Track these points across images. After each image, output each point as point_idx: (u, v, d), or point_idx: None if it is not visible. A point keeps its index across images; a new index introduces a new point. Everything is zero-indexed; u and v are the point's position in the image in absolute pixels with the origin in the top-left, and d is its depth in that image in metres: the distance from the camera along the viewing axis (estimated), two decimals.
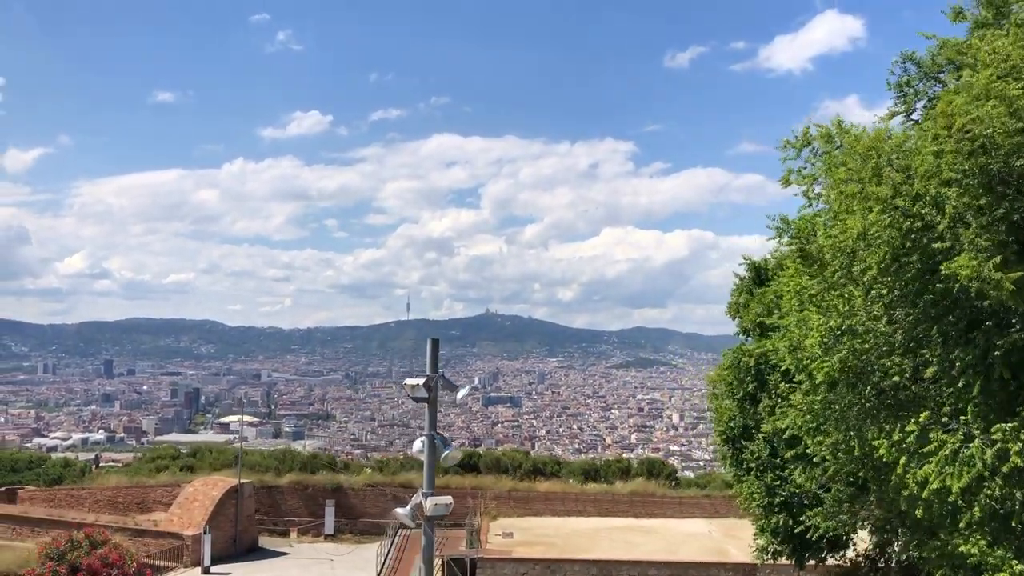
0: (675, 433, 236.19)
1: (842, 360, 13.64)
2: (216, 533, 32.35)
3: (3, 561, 22.55)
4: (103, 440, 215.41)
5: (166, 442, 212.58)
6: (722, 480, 53.99)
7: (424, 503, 15.76)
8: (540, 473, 51.64)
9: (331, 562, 33.07)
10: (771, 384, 17.67)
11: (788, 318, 14.67)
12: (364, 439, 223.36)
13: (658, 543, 32.70)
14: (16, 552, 23.15)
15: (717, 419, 21.21)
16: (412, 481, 39.44)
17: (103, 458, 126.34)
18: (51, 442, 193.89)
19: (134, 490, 39.08)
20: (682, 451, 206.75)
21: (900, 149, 12.84)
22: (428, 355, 16.50)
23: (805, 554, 19.80)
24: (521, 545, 32.02)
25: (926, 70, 14.68)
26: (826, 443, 14.60)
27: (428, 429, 16.34)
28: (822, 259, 13.98)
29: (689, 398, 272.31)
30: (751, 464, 19.77)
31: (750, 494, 19.93)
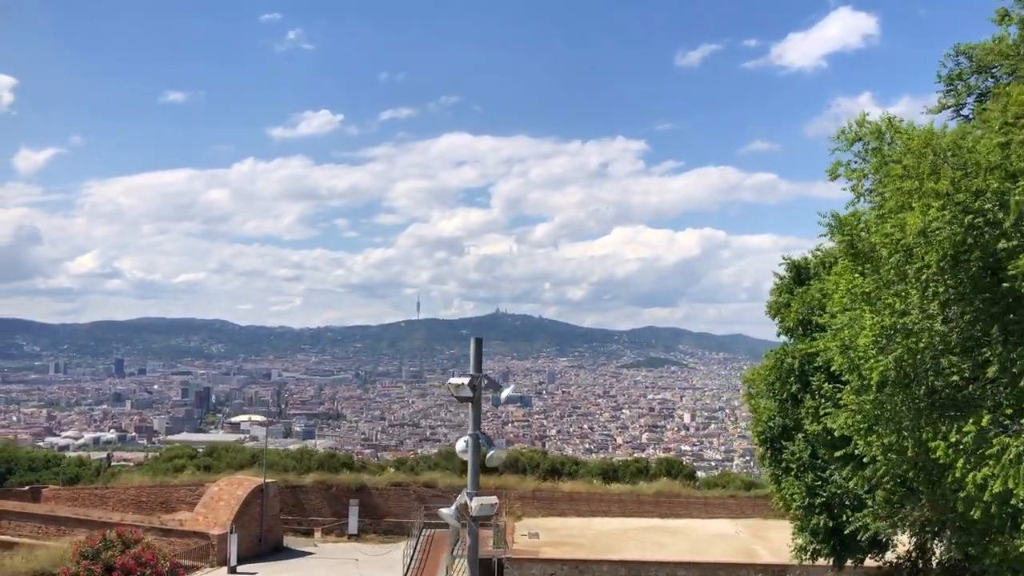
0: (686, 433, 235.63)
1: (897, 359, 13.48)
2: (242, 532, 32.32)
3: (38, 560, 22.58)
4: (114, 439, 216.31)
5: (177, 441, 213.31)
6: (742, 480, 53.87)
7: (470, 503, 15.66)
8: (558, 473, 51.50)
9: (356, 562, 32.97)
10: (815, 385, 17.51)
11: (840, 317, 14.49)
12: (375, 438, 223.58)
13: (685, 544, 32.52)
14: (50, 551, 23.17)
15: (755, 419, 21.04)
16: (435, 481, 39.43)
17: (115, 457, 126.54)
18: (63, 441, 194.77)
19: (157, 489, 39.11)
20: (694, 451, 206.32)
21: (956, 145, 12.69)
22: (472, 354, 16.43)
23: (845, 554, 19.64)
24: (548, 545, 31.90)
25: (979, 64, 14.48)
26: (877, 444, 14.44)
27: (472, 429, 16.27)
28: (875, 257, 13.83)
29: (700, 398, 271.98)
30: (791, 464, 19.60)
31: (790, 494, 19.76)
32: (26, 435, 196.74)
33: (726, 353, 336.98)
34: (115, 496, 38.90)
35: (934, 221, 11.52)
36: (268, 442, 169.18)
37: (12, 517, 34.59)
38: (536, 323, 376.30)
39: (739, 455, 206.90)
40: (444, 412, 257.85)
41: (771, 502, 23.91)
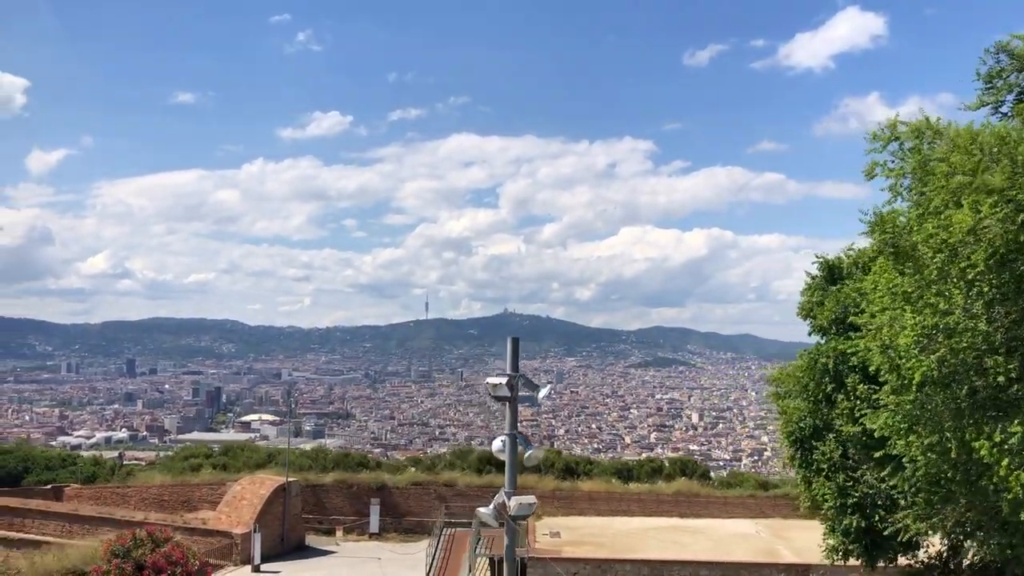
0: (694, 433, 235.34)
1: (940, 359, 13.46)
2: (264, 531, 32.46)
3: (69, 558, 22.72)
4: (126, 439, 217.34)
5: (188, 441, 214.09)
6: (755, 480, 53.77)
7: (508, 502, 15.71)
8: (573, 473, 51.49)
9: (379, 561, 33.06)
10: (850, 385, 17.49)
11: (880, 316, 14.47)
12: (384, 438, 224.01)
13: (706, 543, 32.49)
14: (81, 549, 23.31)
15: (784, 420, 21.00)
16: (455, 480, 39.51)
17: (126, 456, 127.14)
18: (75, 440, 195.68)
19: (179, 488, 39.28)
20: (702, 451, 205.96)
21: (1002, 141, 12.68)
22: (508, 354, 16.48)
23: (877, 555, 19.61)
24: (569, 545, 31.93)
25: (1021, 62, 14.44)
26: (916, 444, 14.42)
27: (509, 428, 16.33)
28: (916, 256, 13.81)
29: (708, 398, 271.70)
30: (822, 465, 19.57)
31: (821, 495, 19.74)
32: (39, 434, 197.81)
33: (734, 353, 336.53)
34: (137, 495, 39.10)
35: (987, 218, 11.50)
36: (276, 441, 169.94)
37: (36, 516, 34.74)
38: (544, 323, 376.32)
39: (747, 455, 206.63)
40: (453, 412, 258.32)
41: (798, 502, 23.87)
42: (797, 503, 33.02)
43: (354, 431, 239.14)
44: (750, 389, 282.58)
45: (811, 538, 33.36)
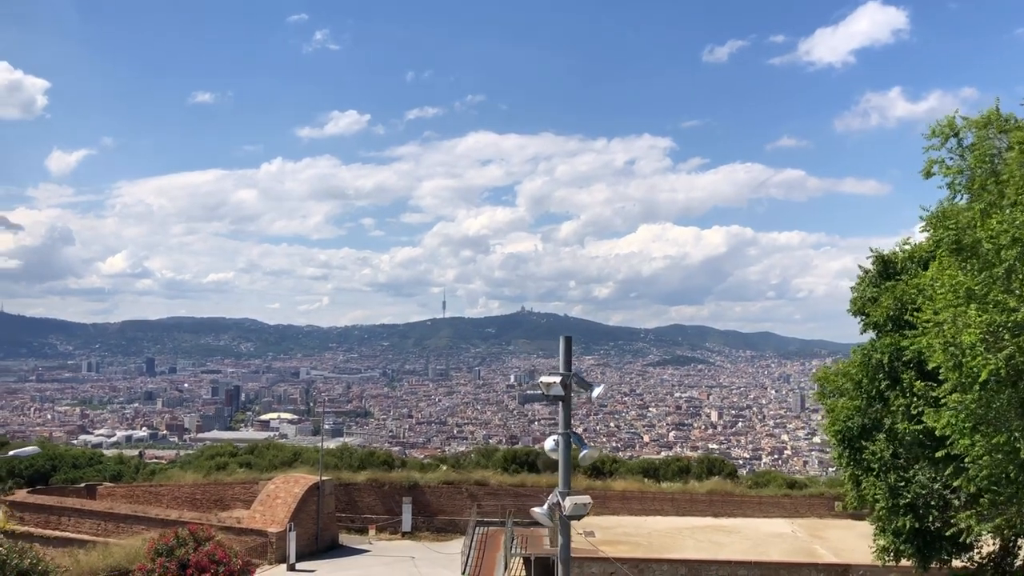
0: (714, 431, 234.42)
1: (1007, 357, 13.23)
2: (298, 530, 32.45)
3: (113, 556, 22.79)
4: (146, 437, 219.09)
5: (208, 439, 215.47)
6: (783, 479, 53.35)
7: (563, 502, 15.56)
8: (599, 472, 51.29)
9: (413, 560, 33.01)
10: (906, 382, 17.24)
11: (943, 313, 14.23)
12: (402, 436, 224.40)
13: (743, 543, 32.25)
14: (124, 548, 23.38)
15: (831, 418, 20.74)
16: (487, 479, 39.41)
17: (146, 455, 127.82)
18: (96, 439, 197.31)
19: (212, 487, 39.40)
20: (721, 449, 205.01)
21: None
22: (561, 353, 16.32)
23: (929, 556, 19.33)
24: (605, 544, 31.73)
25: None
26: (981, 443, 14.18)
27: (563, 428, 16.17)
28: (981, 252, 13.58)
29: (727, 396, 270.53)
30: (872, 464, 19.31)
31: (872, 495, 19.48)
32: (61, 433, 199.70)
33: (753, 351, 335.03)
34: (169, 493, 39.26)
35: None
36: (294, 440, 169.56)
37: (72, 514, 35.04)
38: (561, 321, 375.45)
39: (767, 453, 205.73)
40: (470, 410, 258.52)
41: (844, 502, 23.59)
42: (844, 503, 32.76)
43: (372, 429, 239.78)
44: (770, 387, 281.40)
45: (848, 538, 33.23)
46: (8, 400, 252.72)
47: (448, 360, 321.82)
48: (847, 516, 36.66)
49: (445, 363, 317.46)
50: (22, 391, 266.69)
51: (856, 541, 33.00)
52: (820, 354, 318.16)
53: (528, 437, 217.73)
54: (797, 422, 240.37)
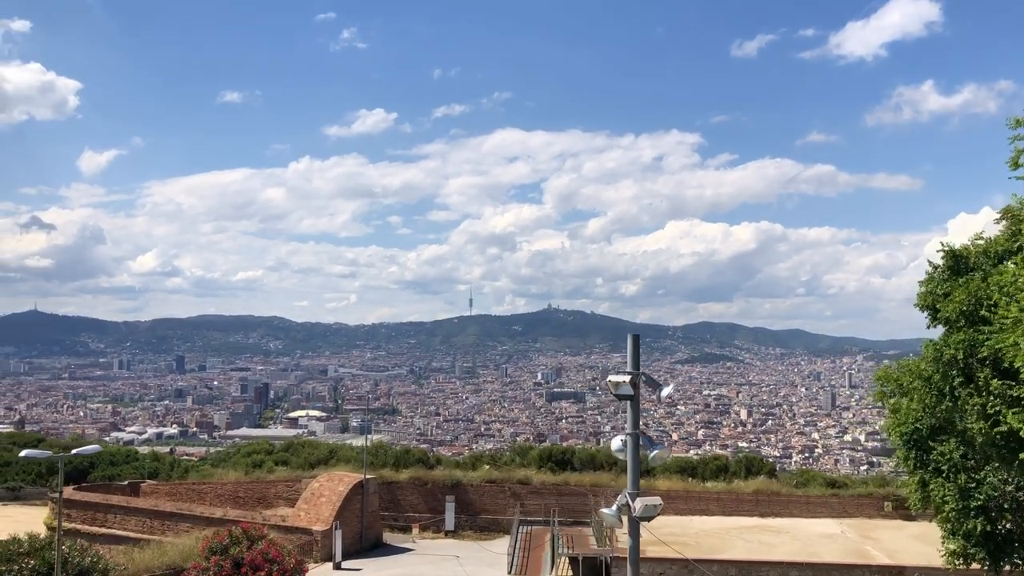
0: (743, 429, 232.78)
1: None
2: (343, 529, 32.40)
3: (167, 554, 22.85)
4: (176, 434, 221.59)
5: (237, 436, 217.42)
6: (824, 478, 52.60)
7: (632, 503, 15.27)
8: None
9: (458, 559, 32.85)
10: (981, 380, 16.73)
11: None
12: (429, 433, 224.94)
13: (792, 544, 31.75)
14: (179, 547, 23.44)
15: (895, 419, 20.24)
16: (530, 478, 39.17)
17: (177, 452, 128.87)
18: (127, 436, 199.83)
19: (254, 485, 39.54)
20: (751, 448, 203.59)
21: None
22: (629, 352, 16.00)
23: (1001, 559, 18.81)
24: (652, 544, 31.33)
25: None
26: None
27: (632, 428, 15.87)
28: None
29: (757, 394, 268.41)
30: (941, 466, 18.81)
31: (941, 497, 18.98)
32: (93, 430, 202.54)
33: (783, 348, 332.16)
34: (212, 491, 39.43)
35: None
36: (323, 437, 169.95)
37: (117, 511, 35.28)
38: (588, 319, 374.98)
39: (797, 451, 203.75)
40: (497, 408, 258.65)
41: (908, 504, 23.07)
42: (890, 504, 32.28)
43: (400, 427, 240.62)
44: (800, 385, 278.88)
45: (899, 539, 32.63)
46: (42, 397, 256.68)
47: (475, 358, 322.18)
48: (897, 517, 36.08)
49: (472, 361, 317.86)
50: (55, 388, 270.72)
51: (908, 542, 32.42)
52: (851, 351, 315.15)
53: (556, 435, 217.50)
54: (828, 420, 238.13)
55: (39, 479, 70.43)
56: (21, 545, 18.54)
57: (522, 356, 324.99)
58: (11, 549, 18.43)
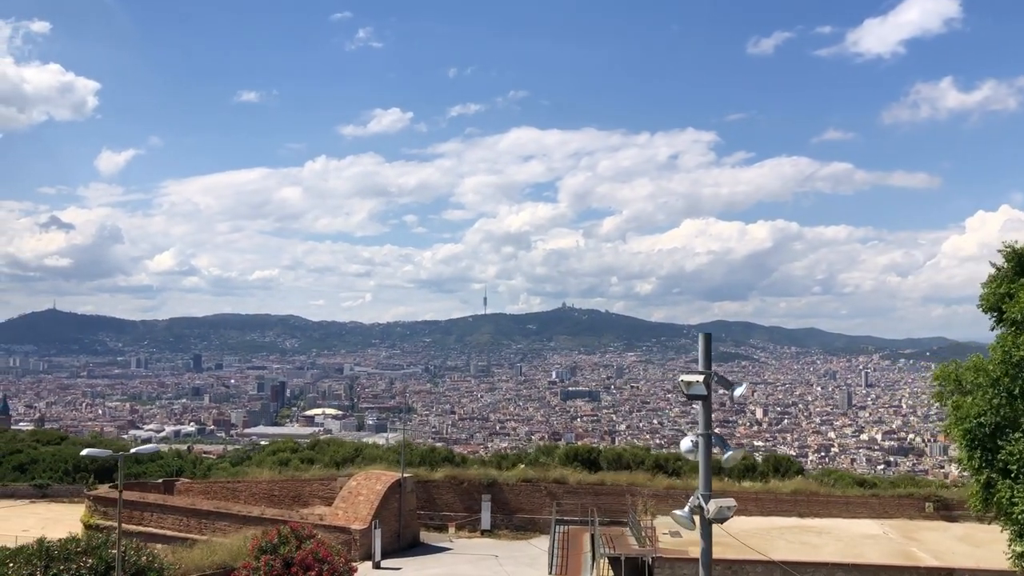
0: (759, 429, 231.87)
1: None
2: (381, 527, 32.32)
3: (216, 553, 22.80)
4: (194, 432, 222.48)
5: (254, 434, 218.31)
6: (852, 478, 52.14)
7: (706, 506, 15.03)
8: (663, 470, 50.60)
9: (496, 558, 32.69)
10: None
11: None
12: (445, 432, 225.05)
13: (836, 544, 31.42)
14: (227, 546, 23.37)
15: (956, 418, 19.90)
16: (566, 477, 38.95)
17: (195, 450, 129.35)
18: (145, 434, 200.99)
19: (289, 483, 39.48)
20: (767, 447, 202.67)
21: None
22: (700, 351, 15.73)
23: None
24: (692, 545, 31.05)
25: None
26: None
27: (703, 428, 15.61)
28: None
29: (772, 393, 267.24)
30: (1010, 466, 18.46)
31: (1008, 498, 18.63)
32: (111, 428, 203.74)
33: (798, 347, 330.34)
34: (247, 489, 39.41)
35: None
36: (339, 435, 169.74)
37: (154, 510, 35.31)
38: (603, 317, 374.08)
39: (814, 451, 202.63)
40: (512, 407, 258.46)
41: (967, 504, 22.72)
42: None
43: (416, 425, 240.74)
44: (815, 384, 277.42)
45: (944, 540, 32.24)
46: (61, 396, 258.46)
47: (490, 356, 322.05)
48: (938, 517, 35.67)
49: (487, 359, 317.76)
50: (74, 387, 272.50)
51: (954, 544, 32.02)
52: (867, 350, 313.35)
53: (571, 434, 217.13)
54: (844, 419, 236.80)
55: (65, 476, 70.86)
56: (78, 544, 18.49)
57: (536, 355, 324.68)
58: (68, 548, 18.38)
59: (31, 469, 71.04)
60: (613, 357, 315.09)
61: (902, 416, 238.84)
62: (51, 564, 17.58)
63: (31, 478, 68.95)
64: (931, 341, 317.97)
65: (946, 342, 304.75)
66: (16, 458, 72.94)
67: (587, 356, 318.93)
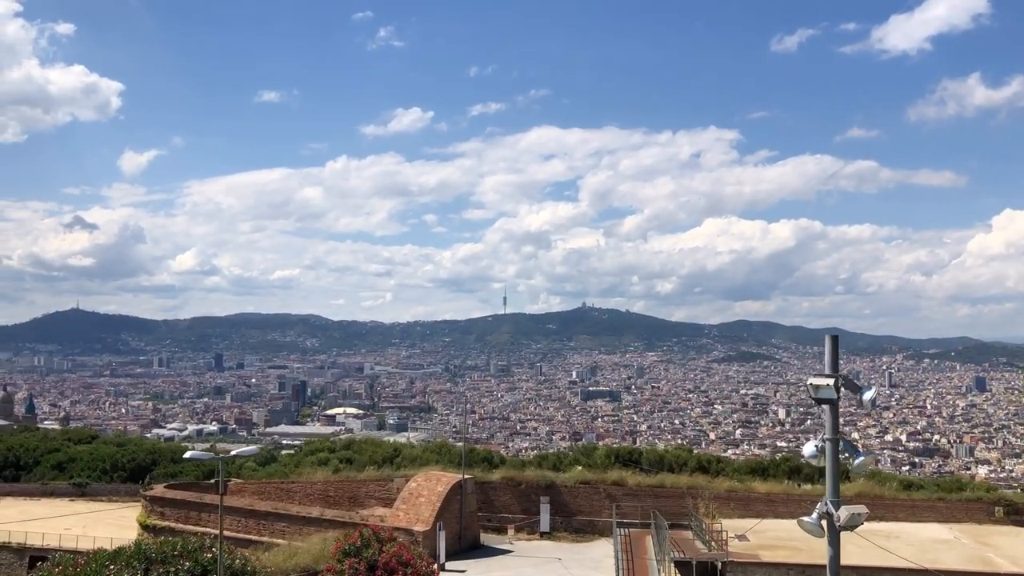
0: (782, 429, 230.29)
1: None
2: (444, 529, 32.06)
3: (298, 556, 22.57)
4: (216, 431, 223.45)
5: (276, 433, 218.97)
6: (898, 480, 51.38)
7: (836, 512, 14.61)
8: (705, 471, 49.95)
9: (560, 561, 32.33)
10: None
11: None
12: (465, 431, 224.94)
13: (907, 549, 30.74)
14: (308, 549, 23.15)
15: None
16: (625, 479, 38.49)
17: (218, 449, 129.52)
18: (168, 432, 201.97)
19: (344, 484, 39.26)
20: (790, 448, 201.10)
21: None
22: (828, 354, 15.32)
23: None
24: (762, 549, 30.60)
25: None
26: None
27: (831, 433, 15.19)
28: None
29: (795, 393, 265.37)
30: None
31: None
32: (135, 427, 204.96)
33: (820, 347, 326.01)
34: (301, 490, 39.22)
35: None
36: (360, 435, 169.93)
37: (211, 510, 35.10)
38: (623, 317, 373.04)
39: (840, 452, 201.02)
40: (532, 406, 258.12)
41: None
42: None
43: (436, 425, 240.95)
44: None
45: (1018, 545, 31.55)
46: (85, 394, 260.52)
47: (509, 356, 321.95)
48: (1008, 523, 34.97)
49: (506, 359, 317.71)
50: (97, 386, 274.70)
51: None
52: (891, 350, 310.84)
53: (592, 434, 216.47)
54: (868, 420, 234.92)
55: (103, 475, 71.16)
56: (174, 547, 18.31)
57: (556, 355, 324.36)
58: (164, 551, 18.20)
59: (69, 468, 71.42)
60: (633, 357, 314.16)
61: (927, 417, 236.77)
62: (151, 567, 17.39)
63: (69, 476, 69.29)
64: (956, 341, 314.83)
65: (971, 342, 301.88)
66: (54, 457, 73.38)
67: (607, 356, 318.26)
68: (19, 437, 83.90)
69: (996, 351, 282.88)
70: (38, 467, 71.59)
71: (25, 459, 72.35)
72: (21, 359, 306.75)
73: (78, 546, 46.71)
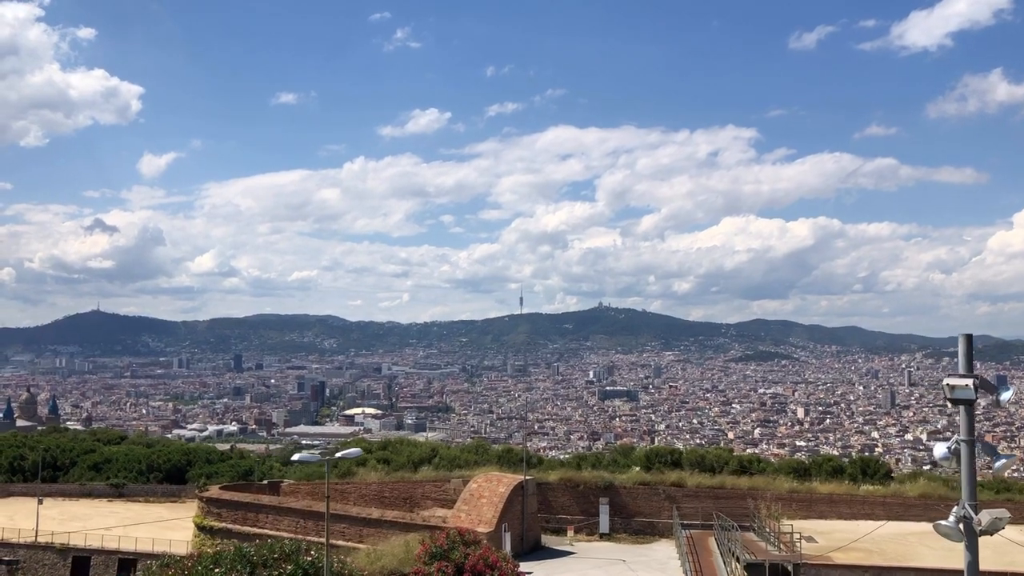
0: (800, 428, 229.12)
1: None
2: None
3: (382, 559, 22.34)
4: (236, 431, 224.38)
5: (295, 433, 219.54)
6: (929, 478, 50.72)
7: (975, 516, 14.22)
8: (745, 471, 49.45)
9: (624, 563, 32.00)
10: None
11: None
12: (483, 431, 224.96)
13: (982, 551, 30.20)
14: (391, 551, 22.93)
15: None
16: (684, 480, 38.16)
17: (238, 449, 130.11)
18: (188, 433, 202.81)
19: (399, 485, 39.09)
20: (809, 447, 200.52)
21: None
22: (961, 353, 14.93)
23: None
24: (833, 551, 30.18)
25: None
26: None
27: (966, 434, 14.81)
28: None
29: (813, 392, 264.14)
30: None
31: None
32: (155, 427, 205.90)
33: (839, 346, 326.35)
34: (356, 491, 39.08)
35: None
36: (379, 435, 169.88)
37: (269, 511, 35.01)
38: (640, 317, 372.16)
39: (857, 451, 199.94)
40: (550, 406, 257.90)
41: None
42: None
43: (454, 425, 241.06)
44: (857, 383, 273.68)
45: None
46: (105, 395, 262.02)
47: (526, 356, 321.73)
48: None
49: (523, 359, 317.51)
50: (118, 387, 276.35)
51: None
52: (910, 349, 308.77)
53: (610, 433, 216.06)
54: (888, 419, 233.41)
55: (139, 476, 71.37)
56: (274, 551, 18.12)
57: (573, 354, 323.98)
58: (264, 554, 18.00)
59: (105, 468, 71.70)
60: (651, 356, 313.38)
61: (947, 415, 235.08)
62: (255, 571, 17.20)
63: (105, 477, 69.55)
64: (976, 339, 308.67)
65: (992, 340, 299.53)
66: (90, 458, 73.69)
67: (624, 355, 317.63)
68: (53, 438, 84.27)
69: (1017, 349, 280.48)
70: (75, 468, 71.90)
71: (62, 460, 72.67)
72: (43, 361, 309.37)
73: (120, 547, 47.08)
